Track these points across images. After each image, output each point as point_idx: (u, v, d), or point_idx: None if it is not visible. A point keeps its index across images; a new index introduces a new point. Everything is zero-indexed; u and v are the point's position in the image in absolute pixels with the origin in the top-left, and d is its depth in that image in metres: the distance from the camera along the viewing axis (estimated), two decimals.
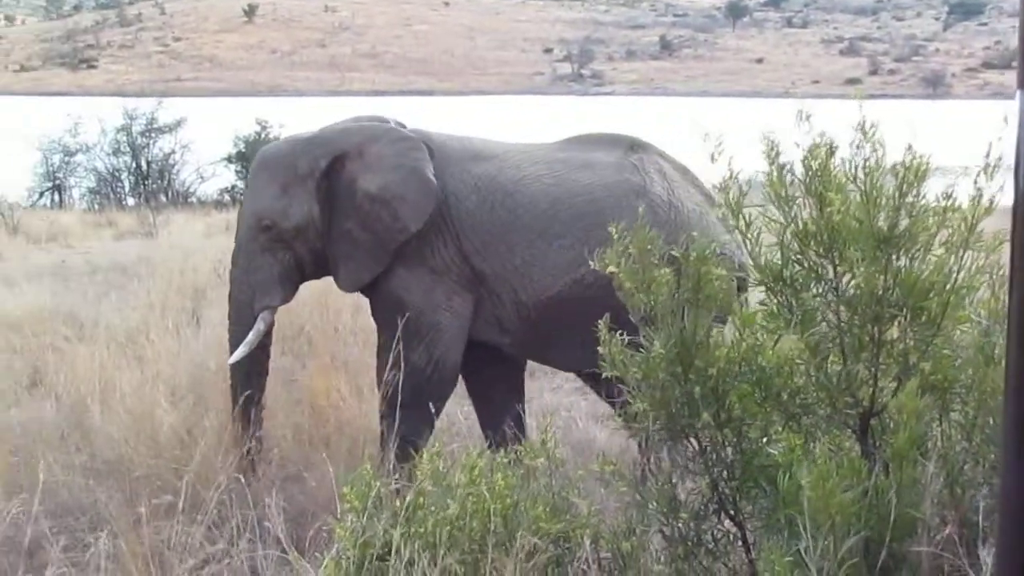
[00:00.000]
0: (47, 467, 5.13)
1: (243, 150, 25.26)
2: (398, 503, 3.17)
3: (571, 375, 7.80)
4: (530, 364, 5.97)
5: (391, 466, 4.53)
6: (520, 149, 5.48)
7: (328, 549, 3.62)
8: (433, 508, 3.18)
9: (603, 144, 5.47)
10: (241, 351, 5.07)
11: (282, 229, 5.06)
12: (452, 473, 3.35)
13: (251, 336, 5.08)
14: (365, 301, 7.90)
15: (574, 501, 3.37)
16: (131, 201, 25.32)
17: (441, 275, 5.08)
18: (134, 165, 25.78)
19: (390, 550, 3.06)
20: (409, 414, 4.87)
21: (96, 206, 24.80)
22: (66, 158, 25.91)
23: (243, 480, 4.52)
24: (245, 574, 4.12)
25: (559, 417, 6.01)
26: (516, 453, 3.51)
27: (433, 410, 4.95)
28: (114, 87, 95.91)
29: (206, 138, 24.62)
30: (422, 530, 3.11)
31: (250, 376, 5.20)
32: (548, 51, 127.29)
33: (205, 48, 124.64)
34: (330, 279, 5.32)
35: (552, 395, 6.91)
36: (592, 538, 3.21)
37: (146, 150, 25.75)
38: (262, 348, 5.20)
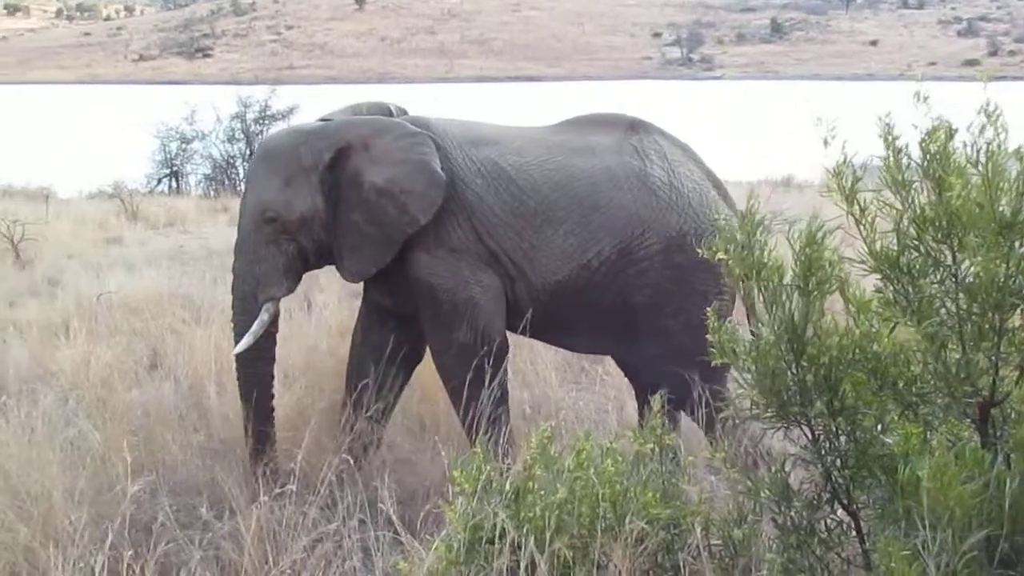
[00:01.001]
0: (166, 447, 5.30)
1: None
2: (507, 487, 3.19)
3: None
4: None
5: (500, 450, 4.56)
6: (521, 133, 5.49)
7: (439, 531, 3.67)
8: (542, 493, 3.19)
9: (602, 125, 5.45)
10: (246, 341, 5.09)
11: (286, 221, 5.08)
12: (561, 457, 3.36)
13: (256, 326, 5.10)
14: None
15: (684, 488, 3.36)
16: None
17: (462, 253, 5.09)
18: (248, 152, 26.29)
19: (500, 534, 3.08)
20: (476, 393, 4.96)
21: (211, 192, 25.37)
22: (183, 145, 26.55)
23: (353, 462, 4.58)
24: (357, 554, 4.17)
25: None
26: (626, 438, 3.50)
27: (498, 380, 5.02)
28: (229, 75, 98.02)
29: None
30: (531, 514, 3.12)
31: (256, 363, 5.22)
32: (657, 35, 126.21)
33: (316, 36, 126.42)
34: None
35: None
36: (703, 525, 3.18)
37: (259, 137, 26.23)
38: (268, 335, 5.21)
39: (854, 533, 3.07)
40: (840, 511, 3.09)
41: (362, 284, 5.44)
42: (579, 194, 5.10)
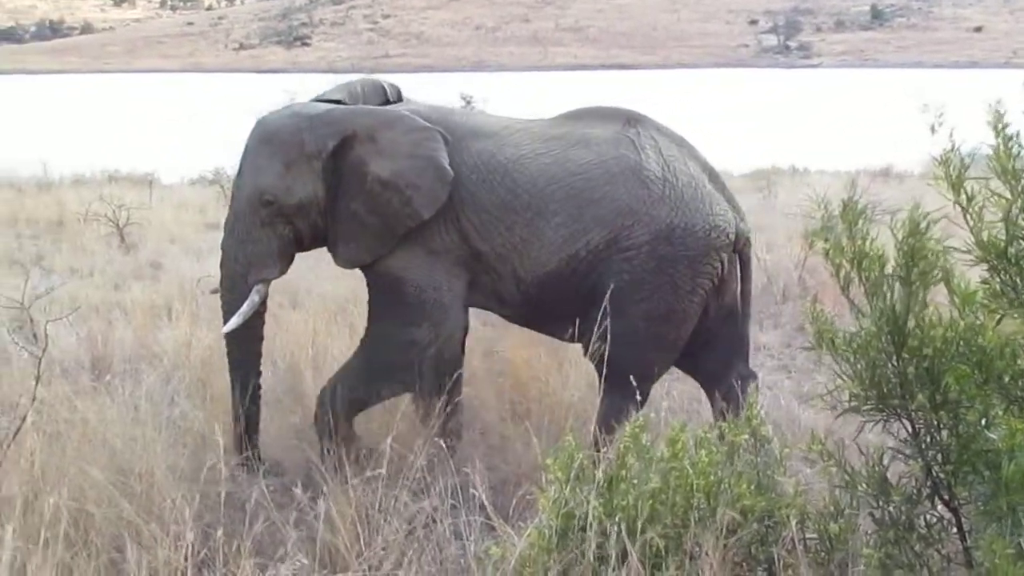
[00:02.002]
0: (264, 428, 5.40)
1: None
2: (600, 475, 3.18)
3: (773, 352, 7.68)
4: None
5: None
6: (519, 126, 5.43)
7: (530, 518, 3.67)
8: (635, 482, 3.18)
9: (600, 119, 5.42)
10: (235, 321, 5.11)
11: (284, 205, 5.08)
12: (653, 447, 3.34)
13: (245, 307, 5.12)
14: None
15: (779, 479, 3.32)
16: None
17: (440, 256, 5.10)
18: None
19: (592, 522, 3.07)
20: (426, 388, 5.07)
21: None
22: None
23: (445, 447, 4.61)
24: (449, 539, 4.20)
25: (763, 395, 5.90)
26: (720, 429, 3.47)
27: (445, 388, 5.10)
28: (326, 64, 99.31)
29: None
30: (623, 503, 3.11)
31: (246, 343, 5.25)
32: (753, 22, 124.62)
33: (412, 25, 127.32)
34: None
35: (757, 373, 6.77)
36: (798, 518, 3.14)
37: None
38: (258, 315, 5.25)
39: (954, 530, 3.01)
40: (940, 507, 3.03)
41: None
42: (574, 187, 5.11)
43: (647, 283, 5.07)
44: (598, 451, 4.33)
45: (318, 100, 5.41)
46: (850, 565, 3.12)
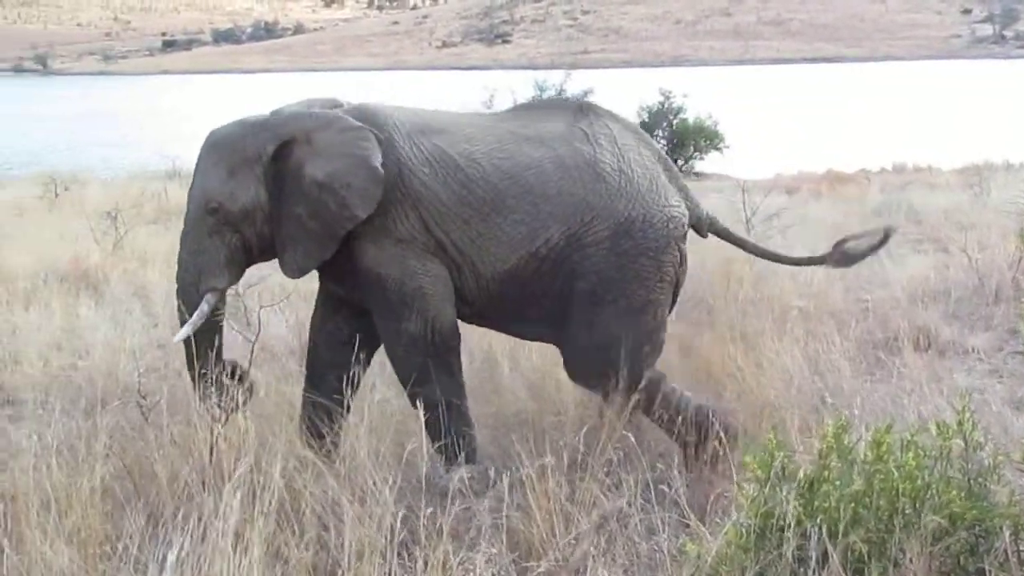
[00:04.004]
0: None
1: (646, 120, 25.65)
2: (801, 475, 3.12)
3: (983, 356, 7.34)
4: None
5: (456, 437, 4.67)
6: (470, 121, 5.37)
7: (726, 516, 3.63)
8: (836, 483, 3.10)
9: (551, 111, 5.36)
10: (184, 331, 5.05)
11: (229, 212, 5.03)
12: (855, 449, 3.25)
13: (195, 317, 5.05)
14: (769, 271, 7.83)
15: (991, 488, 3.17)
16: None
17: (408, 243, 5.02)
18: None
19: (792, 522, 3.01)
20: (429, 381, 5.02)
21: None
22: None
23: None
24: (642, 534, 4.19)
25: (972, 400, 5.65)
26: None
27: (451, 367, 5.12)
28: (526, 60, 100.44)
29: (611, 108, 25.09)
30: (825, 505, 3.04)
31: (199, 355, 5.13)
32: (966, 12, 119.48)
33: (612, 20, 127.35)
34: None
35: (965, 376, 6.50)
36: (1012, 529, 3.00)
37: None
38: (212, 326, 5.14)
39: None
40: None
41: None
42: (529, 183, 5.04)
43: (615, 281, 5.03)
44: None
45: (272, 113, 5.38)
46: None
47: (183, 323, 5.13)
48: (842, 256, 5.43)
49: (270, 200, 5.07)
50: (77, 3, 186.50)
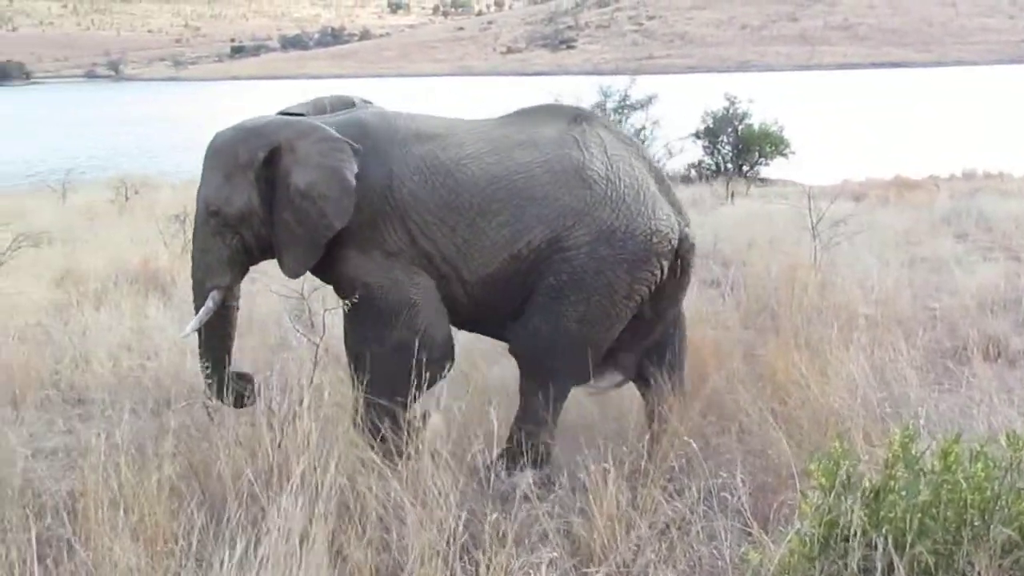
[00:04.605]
0: None
1: (711, 126, 25.49)
2: (867, 484, 3.07)
3: None
4: None
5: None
6: (466, 126, 5.41)
7: (790, 525, 3.59)
8: (903, 493, 3.05)
9: (546, 117, 5.37)
10: (192, 325, 5.33)
11: (227, 215, 5.20)
12: (922, 459, 3.20)
13: (201, 313, 5.28)
14: (835, 277, 7.75)
15: None
16: None
17: (396, 256, 5.11)
18: None
19: (856, 532, 2.97)
20: (398, 389, 5.00)
21: None
22: None
23: (698, 450, 4.58)
24: (703, 541, 4.16)
25: None
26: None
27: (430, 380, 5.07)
28: (591, 66, 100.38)
29: (675, 114, 25.01)
30: (891, 515, 2.99)
31: (210, 349, 5.42)
32: None
33: (677, 25, 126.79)
34: None
35: None
36: None
37: (619, 126, 26.64)
38: (223, 320, 5.40)
39: None
40: None
41: None
42: (515, 186, 5.07)
43: (585, 284, 5.03)
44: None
45: (282, 113, 5.53)
46: None
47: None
48: None
49: (263, 204, 5.22)
50: (149, 10, 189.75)
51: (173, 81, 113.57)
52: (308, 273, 5.38)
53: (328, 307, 5.46)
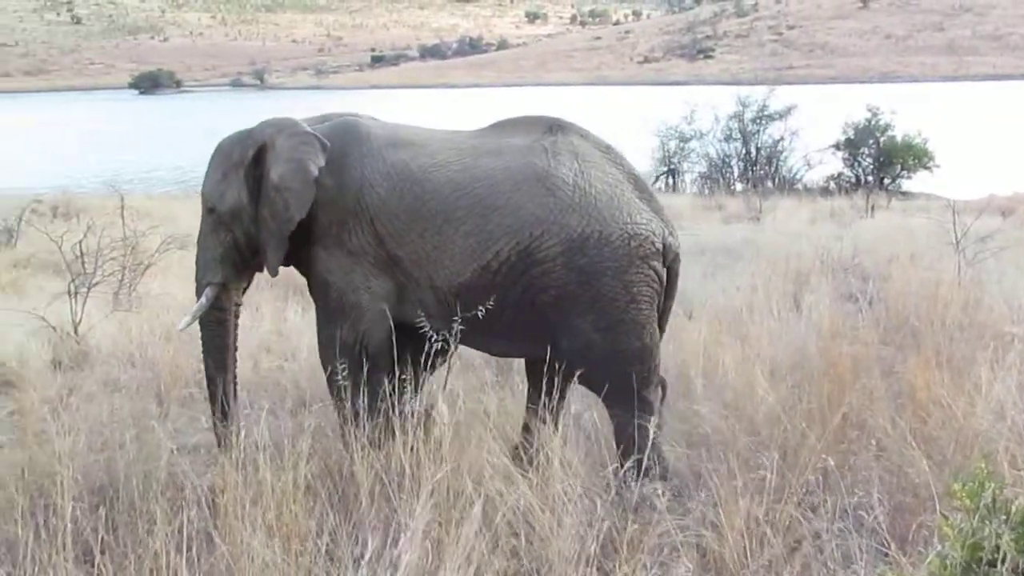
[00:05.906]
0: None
1: (851, 137, 24.99)
2: (1014, 508, 2.96)
3: None
4: None
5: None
6: (442, 136, 5.46)
7: (929, 547, 3.48)
8: None
9: (522, 128, 5.35)
10: (185, 321, 5.64)
11: (221, 212, 5.46)
12: None
13: (195, 308, 5.54)
14: (981, 295, 7.51)
15: None
16: (739, 186, 26.09)
17: (359, 257, 5.23)
18: (744, 151, 26.51)
19: (1003, 557, 2.87)
20: (350, 387, 5.11)
21: (706, 190, 25.83)
22: (681, 144, 27.26)
23: (835, 466, 4.48)
24: (838, 560, 4.08)
25: None
26: None
27: (375, 380, 5.19)
28: (728, 76, 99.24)
29: (815, 125, 24.59)
30: None
31: (208, 354, 5.67)
32: None
33: (818, 35, 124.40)
34: None
35: None
36: None
37: (756, 137, 26.34)
38: (219, 323, 5.63)
39: None
40: None
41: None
42: (478, 195, 5.06)
43: (579, 297, 4.95)
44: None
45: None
46: None
47: (194, 314, 5.61)
48: None
49: (252, 202, 5.44)
50: (293, 20, 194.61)
51: (315, 90, 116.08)
52: None
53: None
